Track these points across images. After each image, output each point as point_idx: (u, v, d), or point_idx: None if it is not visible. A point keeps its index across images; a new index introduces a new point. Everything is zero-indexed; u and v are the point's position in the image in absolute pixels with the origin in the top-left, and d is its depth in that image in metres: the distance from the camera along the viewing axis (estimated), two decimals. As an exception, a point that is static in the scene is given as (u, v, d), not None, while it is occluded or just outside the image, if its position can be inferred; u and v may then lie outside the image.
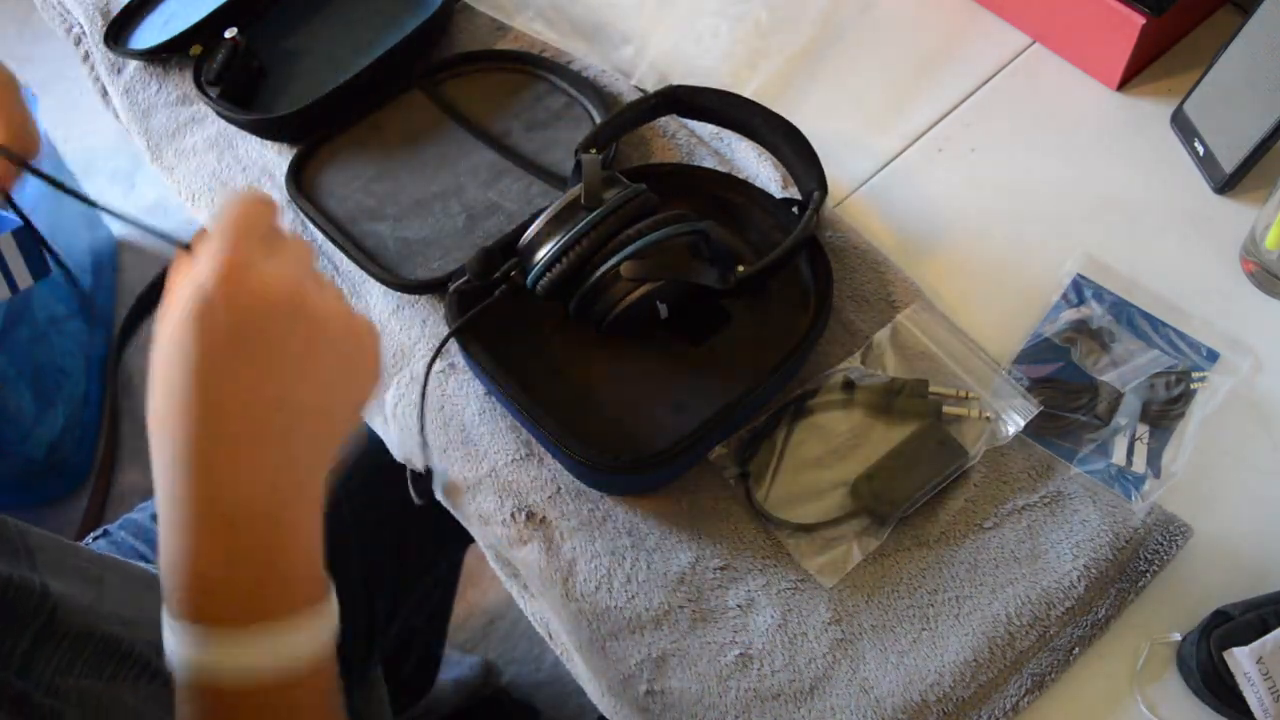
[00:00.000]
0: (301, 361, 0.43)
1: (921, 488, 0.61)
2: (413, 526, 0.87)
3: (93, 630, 0.50)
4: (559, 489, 0.64)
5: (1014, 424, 0.62)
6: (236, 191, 0.47)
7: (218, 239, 0.43)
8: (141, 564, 0.73)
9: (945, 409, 0.63)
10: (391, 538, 0.86)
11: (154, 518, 0.81)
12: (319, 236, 0.76)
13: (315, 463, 0.44)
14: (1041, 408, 0.63)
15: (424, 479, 0.65)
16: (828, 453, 0.64)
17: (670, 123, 0.77)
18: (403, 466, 0.71)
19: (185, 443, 0.41)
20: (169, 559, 0.42)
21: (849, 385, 0.65)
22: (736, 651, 0.59)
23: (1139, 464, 0.62)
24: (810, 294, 0.67)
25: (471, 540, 0.68)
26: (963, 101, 0.78)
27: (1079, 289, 0.68)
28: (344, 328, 0.45)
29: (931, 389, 0.64)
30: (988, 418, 0.63)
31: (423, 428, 0.65)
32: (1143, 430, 0.63)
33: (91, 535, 0.81)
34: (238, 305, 0.42)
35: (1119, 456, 0.62)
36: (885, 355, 0.66)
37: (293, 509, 0.43)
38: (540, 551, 0.63)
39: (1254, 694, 0.53)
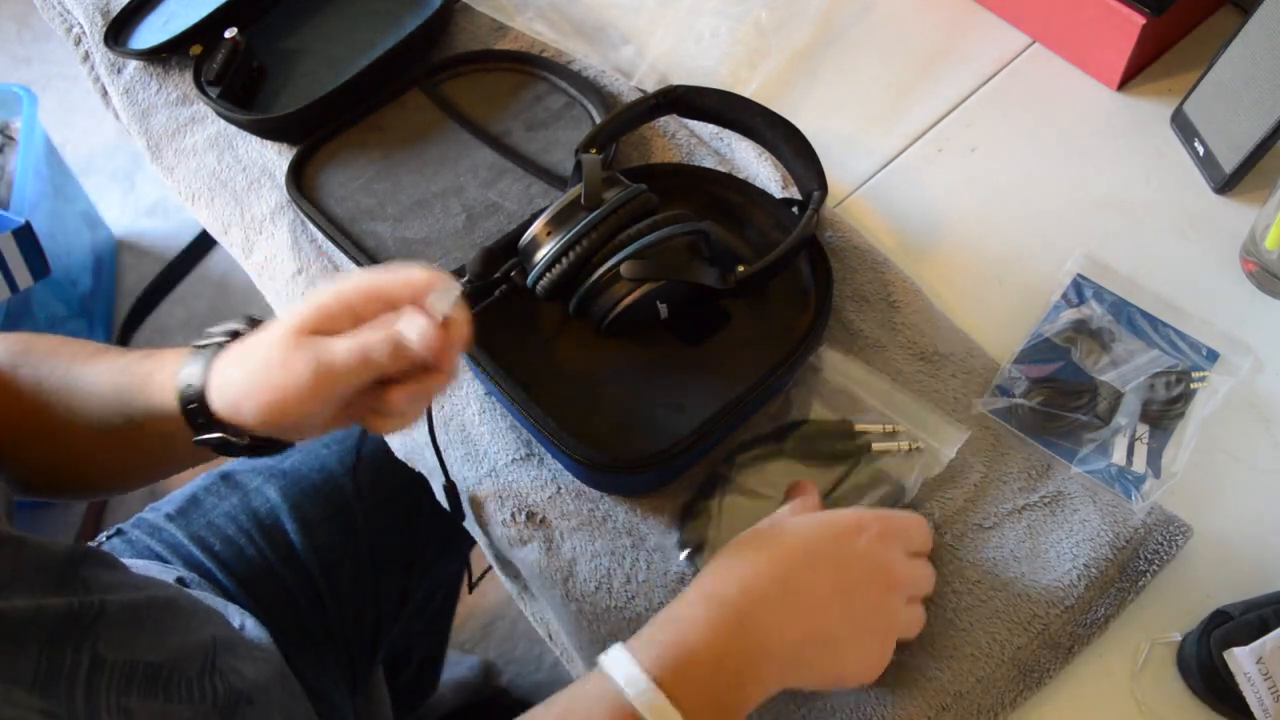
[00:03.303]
0: (870, 619, 0.54)
1: None
2: (419, 527, 0.87)
3: (136, 659, 0.50)
4: (559, 489, 0.64)
5: (946, 453, 0.61)
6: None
7: (891, 519, 0.56)
8: (155, 572, 0.73)
9: (874, 446, 0.63)
10: (399, 537, 0.86)
11: (168, 517, 0.81)
12: (319, 236, 0.76)
13: (781, 685, 0.53)
14: (969, 432, 0.62)
15: (453, 489, 0.66)
16: (765, 511, 0.59)
17: (670, 123, 0.77)
18: (410, 469, 0.71)
19: (738, 605, 0.52)
20: (673, 618, 0.52)
21: (777, 436, 0.64)
22: (736, 651, 0.59)
23: (1139, 464, 0.62)
24: (810, 294, 0.67)
25: (475, 542, 0.68)
26: (963, 101, 0.78)
27: (1079, 289, 0.68)
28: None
29: (857, 427, 0.63)
30: (918, 448, 0.62)
31: (434, 437, 0.65)
32: (1143, 430, 0.63)
33: (105, 534, 0.81)
34: (866, 557, 0.54)
35: (1119, 456, 0.62)
36: (805, 400, 0.64)
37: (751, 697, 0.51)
38: (540, 551, 0.63)
39: (1254, 694, 0.53)
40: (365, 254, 0.72)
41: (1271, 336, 0.66)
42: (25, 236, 1.38)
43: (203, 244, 1.82)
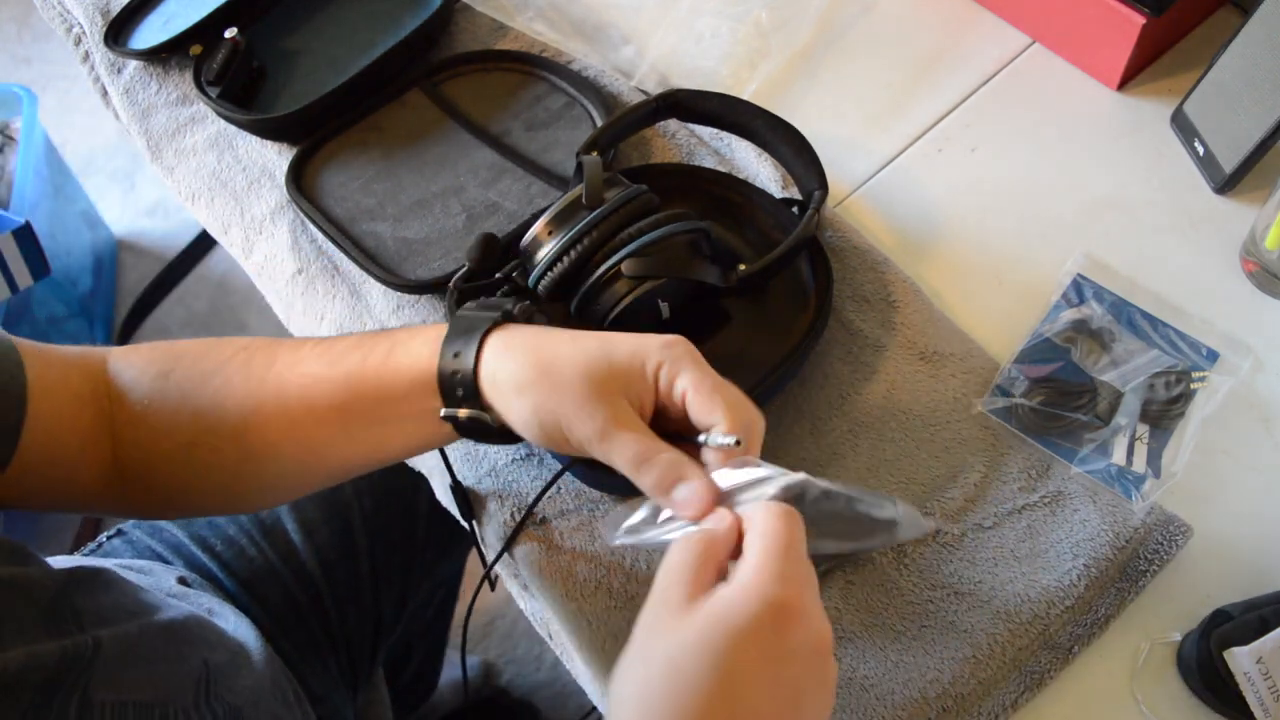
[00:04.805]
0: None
1: None
2: (419, 528, 0.87)
3: (126, 700, 0.49)
4: (559, 489, 0.64)
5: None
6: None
7: (783, 564, 0.42)
8: (158, 572, 0.73)
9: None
10: (399, 538, 0.86)
11: None
12: (319, 236, 0.76)
13: None
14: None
15: (460, 489, 0.66)
16: None
17: (671, 123, 0.77)
18: (409, 469, 0.71)
19: None
20: None
21: None
22: (737, 651, 0.59)
23: (1139, 464, 0.62)
24: (810, 294, 0.67)
25: (474, 543, 0.68)
26: (963, 101, 0.78)
27: (1079, 289, 0.68)
28: (827, 686, 0.43)
29: None
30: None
31: None
32: (1143, 430, 0.63)
33: (106, 534, 0.81)
34: (777, 655, 0.40)
35: (1119, 456, 0.62)
36: None
37: None
38: (540, 551, 0.63)
39: (1254, 694, 0.53)
40: (365, 254, 0.72)
41: (1271, 336, 0.66)
42: (25, 236, 1.38)
43: (203, 244, 1.82)
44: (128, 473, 0.57)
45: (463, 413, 0.51)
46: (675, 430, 0.49)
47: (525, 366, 0.49)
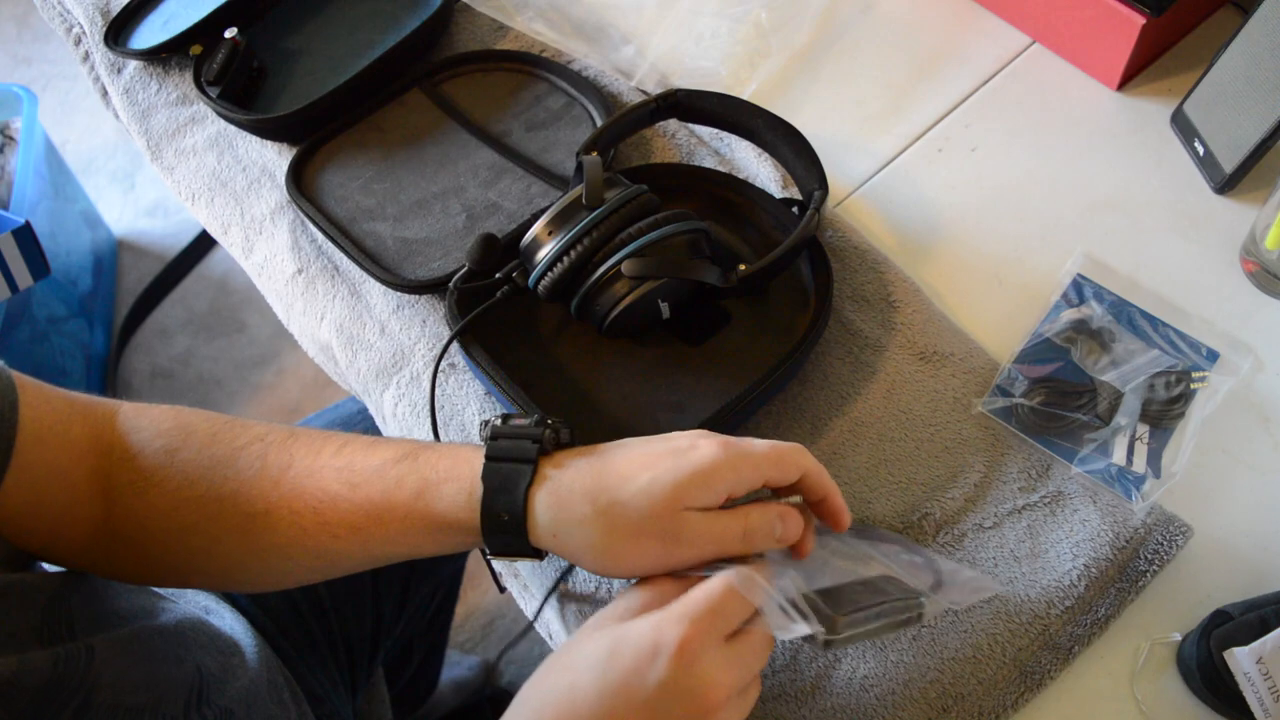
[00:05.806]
0: None
1: None
2: None
3: (119, 704, 0.48)
4: (559, 489, 0.64)
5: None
6: (737, 578, 0.46)
7: (695, 611, 0.44)
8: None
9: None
10: None
11: None
12: (319, 236, 0.76)
13: None
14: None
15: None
16: None
17: (671, 123, 0.77)
18: None
19: None
20: None
21: None
22: (737, 651, 0.59)
23: (1139, 464, 0.62)
24: (810, 294, 0.67)
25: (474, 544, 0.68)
26: (963, 101, 0.78)
27: (1079, 289, 0.68)
28: None
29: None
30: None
31: (436, 435, 0.65)
32: (1143, 430, 0.63)
33: None
34: (669, 688, 0.43)
35: (1119, 456, 0.62)
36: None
37: None
38: (540, 551, 0.63)
39: (1254, 694, 0.53)
40: (365, 254, 0.72)
41: (1271, 336, 0.66)
42: (25, 236, 1.38)
43: (203, 244, 1.82)
44: (120, 537, 0.54)
45: (515, 560, 0.53)
46: None
47: (593, 531, 0.49)
